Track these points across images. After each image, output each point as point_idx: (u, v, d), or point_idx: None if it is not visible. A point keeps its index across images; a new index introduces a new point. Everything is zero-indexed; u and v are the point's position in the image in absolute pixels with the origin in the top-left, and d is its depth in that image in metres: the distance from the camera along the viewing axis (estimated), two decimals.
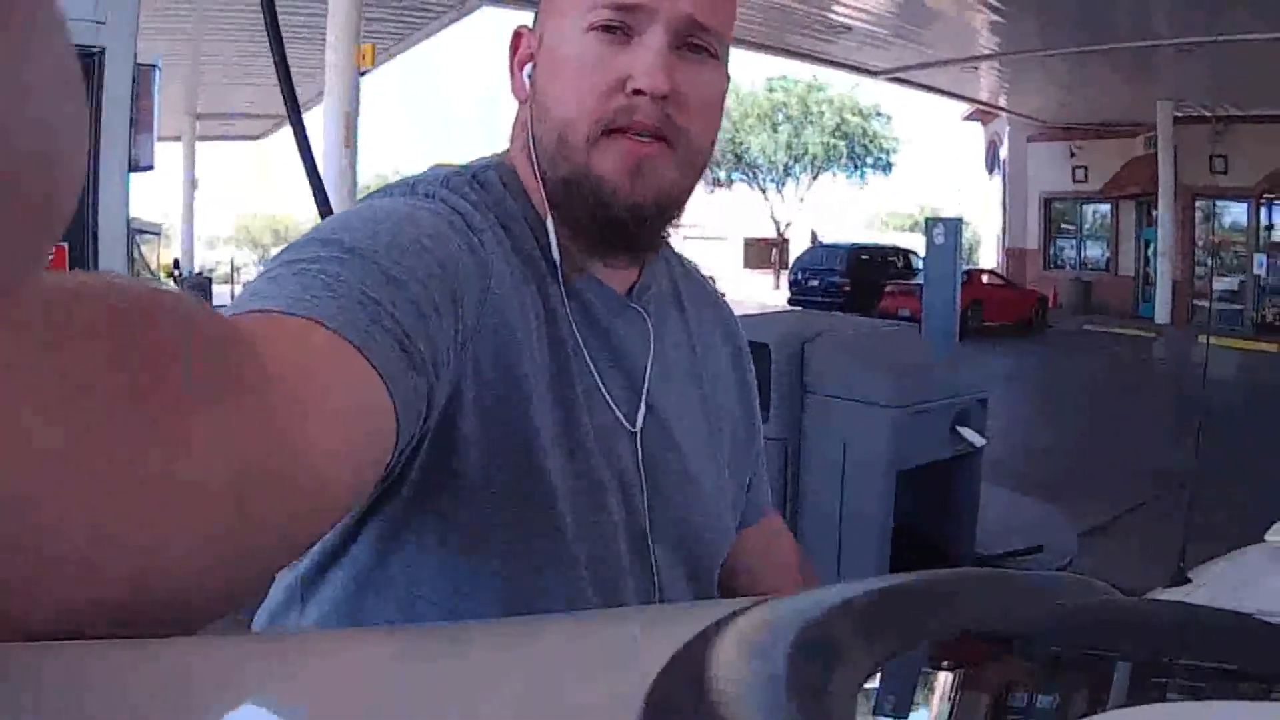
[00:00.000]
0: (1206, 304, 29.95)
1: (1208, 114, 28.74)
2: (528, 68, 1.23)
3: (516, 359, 1.08)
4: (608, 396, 1.19)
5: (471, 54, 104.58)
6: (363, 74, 15.18)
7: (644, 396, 1.23)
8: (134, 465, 0.46)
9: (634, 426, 1.21)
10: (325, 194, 2.85)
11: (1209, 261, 31.72)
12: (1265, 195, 29.86)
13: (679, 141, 1.15)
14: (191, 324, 0.54)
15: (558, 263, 1.17)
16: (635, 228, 1.17)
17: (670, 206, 1.19)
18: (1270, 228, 30.47)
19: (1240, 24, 18.85)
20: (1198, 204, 31.37)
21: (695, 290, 1.45)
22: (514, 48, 1.27)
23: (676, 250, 1.42)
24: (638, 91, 1.11)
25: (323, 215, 2.81)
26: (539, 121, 1.19)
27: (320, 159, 12.87)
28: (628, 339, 1.24)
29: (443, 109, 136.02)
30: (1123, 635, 0.82)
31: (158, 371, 0.49)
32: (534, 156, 1.19)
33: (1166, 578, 2.68)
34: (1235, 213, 31.47)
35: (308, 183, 2.79)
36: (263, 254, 67.14)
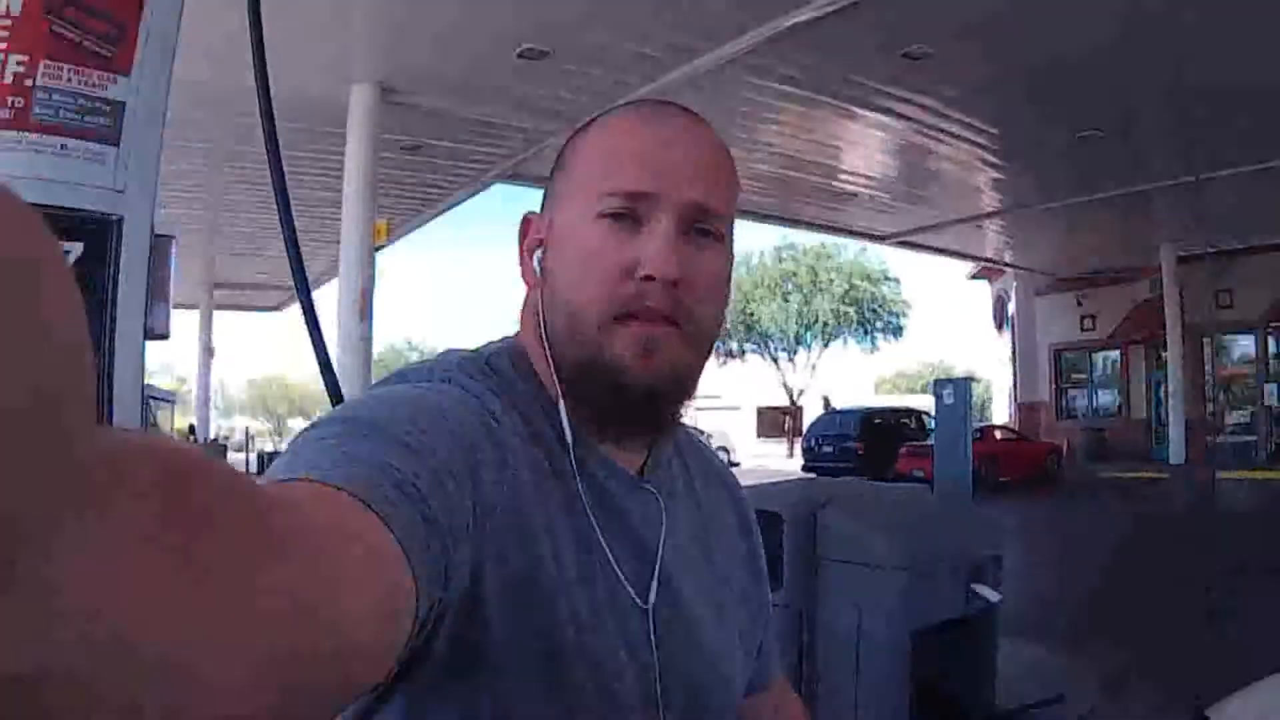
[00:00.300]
0: (1219, 439, 29.96)
1: (1211, 250, 29.03)
2: (538, 253, 1.26)
3: (536, 540, 1.10)
4: (621, 576, 1.19)
5: (485, 226, 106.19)
6: (378, 249, 15.39)
7: (656, 574, 1.23)
8: (173, 629, 0.46)
9: (646, 604, 1.21)
10: (333, 372, 2.88)
11: (1220, 396, 31.78)
12: (1271, 324, 30.08)
13: (689, 323, 1.17)
14: (235, 489, 0.55)
15: (570, 445, 1.18)
16: (650, 408, 1.19)
17: (683, 386, 1.21)
18: (1279, 356, 30.58)
19: (1231, 159, 19.21)
20: (1205, 340, 31.52)
21: (702, 464, 1.46)
22: (523, 234, 1.30)
23: (684, 424, 1.39)
24: (648, 277, 1.14)
25: (330, 393, 2.85)
26: (551, 306, 1.21)
27: (335, 331, 13.00)
28: (641, 519, 1.25)
29: (457, 278, 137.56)
30: None
31: (202, 536, 0.50)
32: (546, 340, 1.21)
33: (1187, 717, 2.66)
34: (1243, 345, 31.83)
35: (316, 362, 2.82)
36: (278, 422, 67.22)
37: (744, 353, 54.13)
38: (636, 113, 1.25)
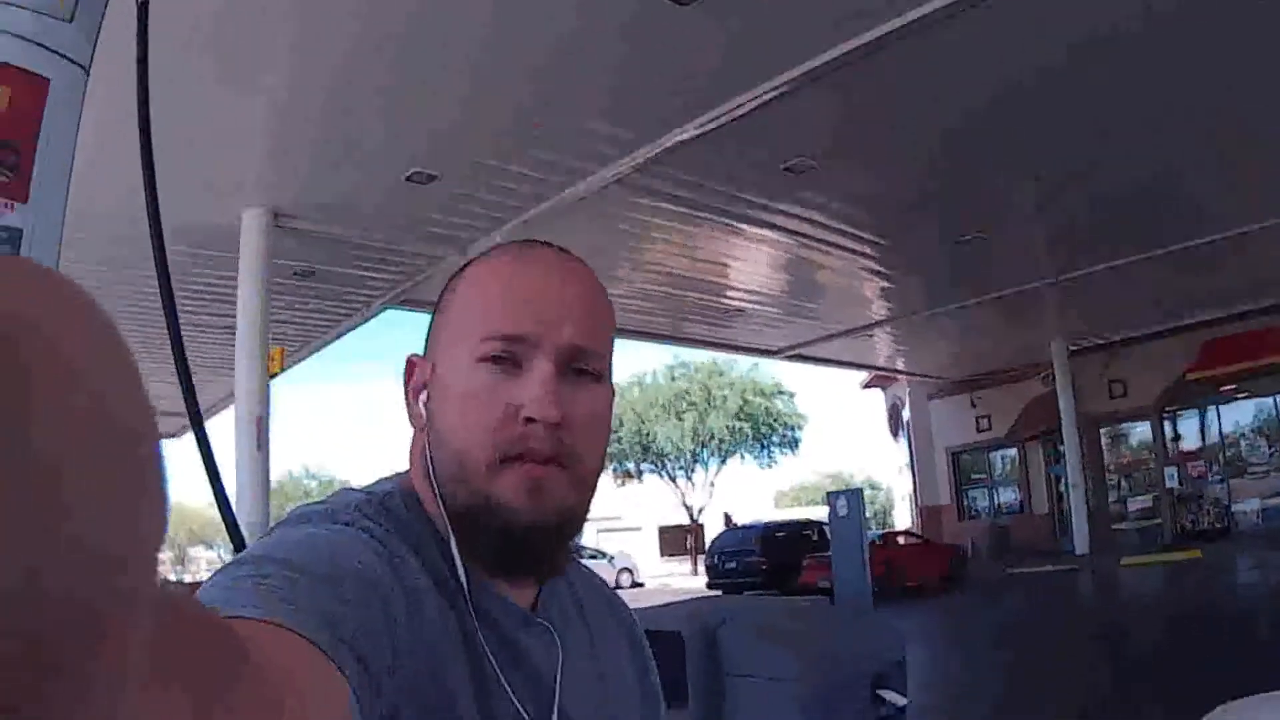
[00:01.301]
0: (1124, 526, 30.46)
1: (1100, 341, 29.68)
2: (422, 396, 1.27)
3: (444, 681, 1.11)
4: (523, 711, 1.19)
5: (376, 348, 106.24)
6: (273, 377, 15.24)
7: (555, 711, 1.24)
8: None
9: None
10: (228, 502, 2.84)
11: (1121, 483, 32.34)
12: (1165, 409, 30.82)
13: (572, 462, 1.19)
14: (232, 642, 0.58)
15: (466, 585, 1.19)
16: (539, 548, 1.20)
17: (569, 524, 1.22)
18: (1176, 438, 31.32)
19: (1114, 252, 19.81)
20: (1102, 430, 32.16)
21: (591, 593, 1.48)
22: (408, 376, 1.31)
23: (573, 555, 1.41)
24: (530, 420, 1.16)
25: (226, 522, 2.82)
26: (437, 449, 1.22)
27: (233, 460, 12.76)
28: (536, 654, 1.26)
29: (350, 404, 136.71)
30: None
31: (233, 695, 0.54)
32: (435, 482, 1.22)
33: None
34: (1140, 432, 32.48)
35: (211, 490, 2.79)
36: (179, 551, 65.95)
37: (641, 473, 54.06)
38: (510, 255, 1.28)
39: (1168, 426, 31.59)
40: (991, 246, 19.17)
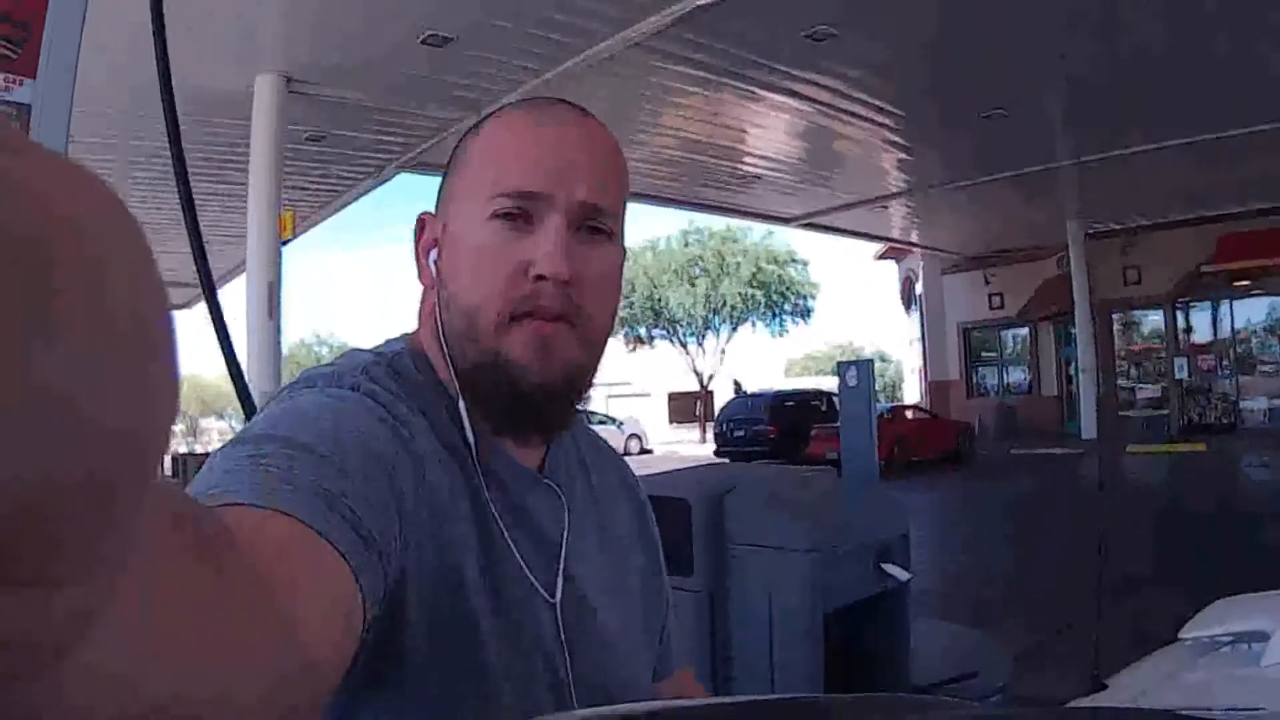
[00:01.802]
0: (1131, 414, 30.45)
1: (1117, 227, 29.39)
2: (433, 254, 1.28)
3: (451, 542, 1.13)
4: (528, 572, 1.21)
5: (389, 214, 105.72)
6: (284, 243, 15.20)
7: (561, 569, 1.26)
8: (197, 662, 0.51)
9: (553, 598, 1.24)
10: (242, 375, 2.85)
11: (1131, 371, 32.29)
12: (1179, 299, 30.62)
13: (581, 321, 1.20)
14: (222, 529, 0.60)
15: (474, 445, 1.21)
16: (546, 406, 1.21)
17: (577, 383, 1.23)
18: (1189, 330, 31.20)
19: (1136, 138, 19.55)
20: (1115, 316, 32.03)
21: (597, 456, 1.49)
22: (418, 234, 1.32)
23: (581, 417, 1.44)
24: (540, 277, 1.16)
25: (238, 391, 2.83)
26: (446, 307, 1.23)
27: (244, 328, 12.82)
28: (542, 515, 1.28)
29: (362, 270, 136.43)
30: None
31: (221, 581, 0.55)
32: (443, 341, 1.24)
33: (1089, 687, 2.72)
34: (1153, 320, 32.28)
35: (223, 359, 2.80)
36: (190, 423, 66.04)
37: (653, 339, 53.91)
38: (526, 111, 1.27)
39: (1180, 317, 31.41)
40: (1012, 124, 18.88)
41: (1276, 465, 20.22)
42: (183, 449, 38.67)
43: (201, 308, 2.96)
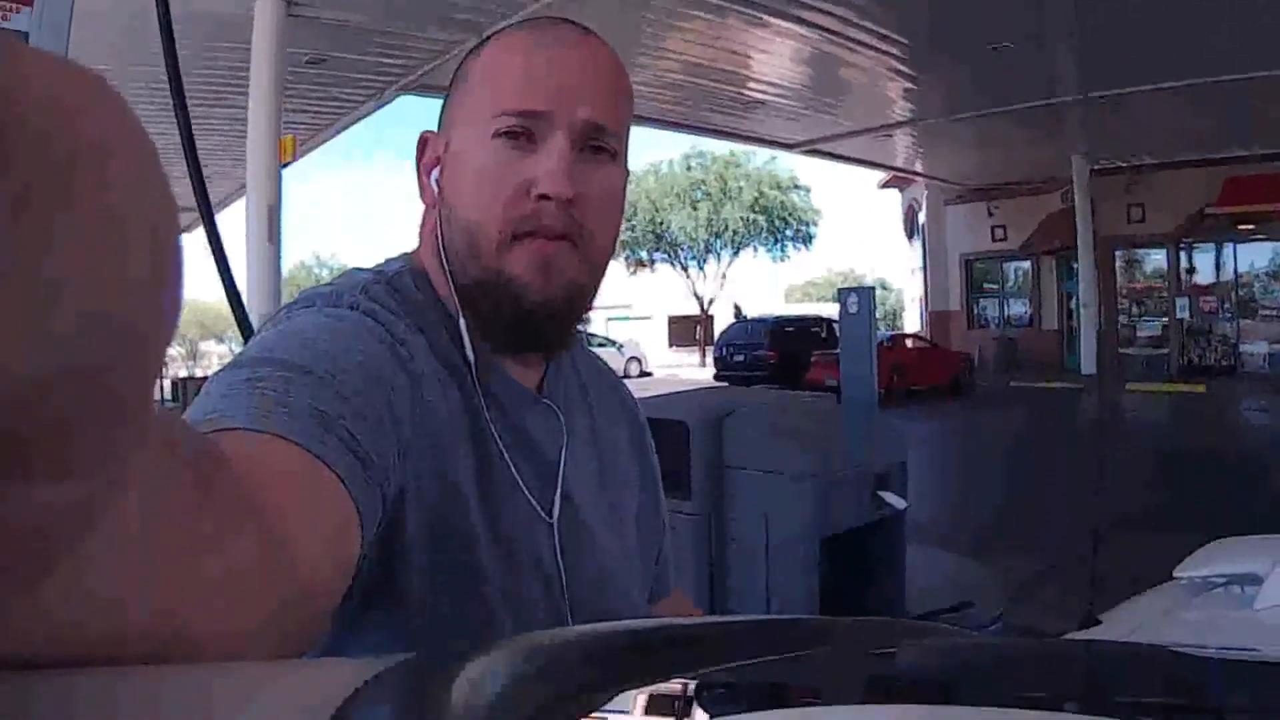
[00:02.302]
0: (1131, 352, 30.46)
1: (1122, 165, 29.23)
2: (435, 172, 1.28)
3: (449, 462, 1.15)
4: (526, 491, 1.23)
5: (389, 137, 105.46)
6: (284, 166, 15.12)
7: (559, 489, 1.28)
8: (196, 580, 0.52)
9: (550, 518, 1.26)
10: (238, 294, 2.86)
11: (1132, 309, 32.26)
12: (1183, 240, 30.49)
13: (583, 240, 1.20)
14: (213, 453, 0.60)
15: (473, 364, 1.22)
16: (546, 324, 1.22)
17: (578, 302, 1.24)
18: (1191, 271, 31.06)
19: (1143, 77, 19.33)
20: (1117, 253, 31.90)
21: (595, 376, 1.50)
22: (420, 153, 1.32)
23: (580, 338, 1.44)
24: (543, 196, 1.16)
25: (236, 314, 2.84)
26: (448, 225, 1.24)
27: (244, 252, 12.78)
28: (540, 434, 1.29)
29: (362, 192, 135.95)
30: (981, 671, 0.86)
31: (214, 506, 0.55)
32: (444, 259, 1.24)
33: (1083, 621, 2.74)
34: (1155, 259, 32.12)
35: (221, 283, 2.81)
36: (190, 347, 65.96)
37: (653, 262, 53.83)
38: (530, 30, 1.26)
39: (1183, 258, 31.21)
40: (1019, 56, 18.67)
41: (1276, 410, 20.24)
42: (182, 373, 38.67)
43: (200, 233, 2.96)
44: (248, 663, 0.56)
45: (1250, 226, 28.76)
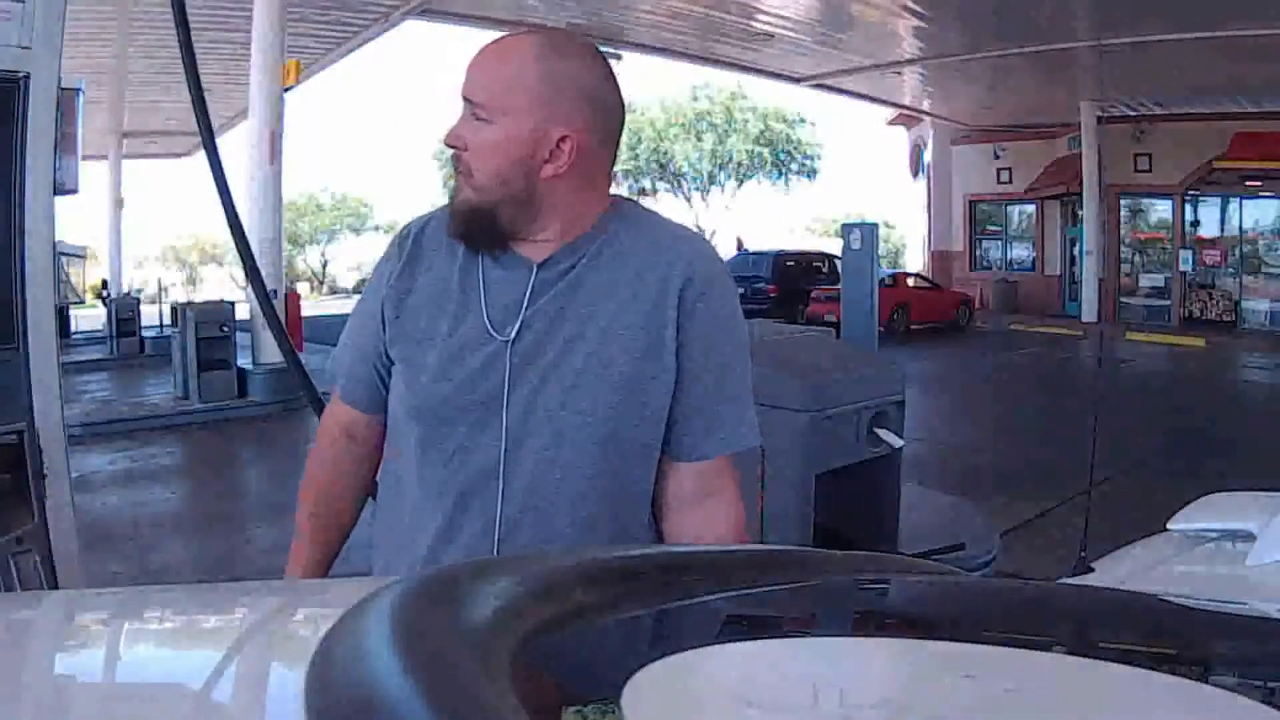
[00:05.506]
0: (1132, 301, 30.37)
1: (1131, 113, 29.03)
2: None
3: (431, 309, 1.87)
4: (486, 316, 1.82)
5: (396, 66, 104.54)
6: (287, 90, 15.06)
7: (520, 317, 1.80)
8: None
9: (507, 337, 1.80)
10: (238, 218, 2.86)
11: (1135, 259, 32.12)
12: (1189, 192, 30.25)
13: (467, 175, 1.81)
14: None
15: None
16: (464, 227, 1.83)
17: (475, 215, 1.80)
18: (1195, 224, 30.85)
19: (1158, 26, 19.13)
20: (1122, 202, 31.74)
21: (647, 245, 1.86)
22: None
23: (661, 223, 1.93)
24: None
25: (235, 238, 2.84)
26: None
27: (246, 176, 12.76)
28: (515, 286, 1.82)
29: (369, 118, 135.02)
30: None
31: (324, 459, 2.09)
32: None
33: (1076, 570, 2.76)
34: (1160, 210, 31.82)
35: (221, 207, 2.80)
36: (191, 273, 65.61)
37: (656, 190, 53.53)
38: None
39: (1189, 210, 30.88)
40: None
41: (1276, 367, 20.27)
42: (182, 299, 38.65)
43: (200, 157, 2.96)
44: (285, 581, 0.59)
45: (1257, 183, 28.52)
